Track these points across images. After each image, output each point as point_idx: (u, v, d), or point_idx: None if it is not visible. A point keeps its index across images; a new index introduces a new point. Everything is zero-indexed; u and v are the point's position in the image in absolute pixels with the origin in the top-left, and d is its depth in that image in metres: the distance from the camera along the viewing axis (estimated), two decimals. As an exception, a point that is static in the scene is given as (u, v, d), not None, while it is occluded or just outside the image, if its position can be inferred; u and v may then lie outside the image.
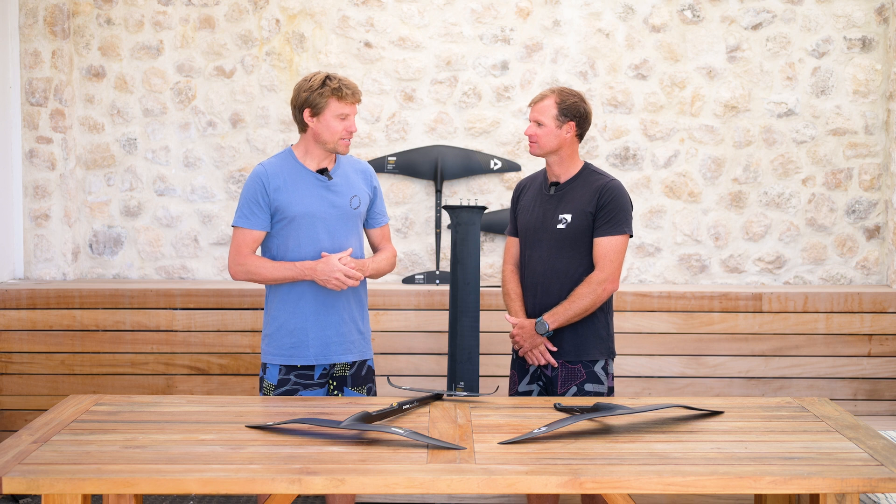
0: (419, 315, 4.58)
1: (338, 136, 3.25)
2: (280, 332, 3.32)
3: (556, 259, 3.38)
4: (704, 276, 4.93)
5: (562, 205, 3.39)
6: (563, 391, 3.37)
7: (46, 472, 2.40)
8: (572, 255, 3.37)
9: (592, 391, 3.38)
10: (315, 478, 2.39)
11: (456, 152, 4.86)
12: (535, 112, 3.38)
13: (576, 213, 3.36)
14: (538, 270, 3.41)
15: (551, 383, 3.40)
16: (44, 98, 4.83)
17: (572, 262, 3.37)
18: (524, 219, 3.48)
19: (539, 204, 3.44)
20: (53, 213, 4.87)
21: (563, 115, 3.35)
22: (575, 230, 3.35)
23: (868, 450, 2.60)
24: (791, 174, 4.87)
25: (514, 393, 3.50)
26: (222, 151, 4.93)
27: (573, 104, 3.37)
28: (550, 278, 3.39)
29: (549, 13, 4.86)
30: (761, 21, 4.83)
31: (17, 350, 4.59)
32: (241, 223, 3.29)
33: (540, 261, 3.41)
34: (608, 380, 3.42)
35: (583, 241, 3.37)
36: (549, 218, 3.39)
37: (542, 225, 3.40)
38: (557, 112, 3.35)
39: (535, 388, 3.45)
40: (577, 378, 3.37)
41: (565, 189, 3.41)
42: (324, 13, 4.88)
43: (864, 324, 4.56)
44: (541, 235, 3.41)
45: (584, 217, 3.35)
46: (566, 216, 3.36)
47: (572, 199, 3.38)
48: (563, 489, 2.39)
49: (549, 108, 3.36)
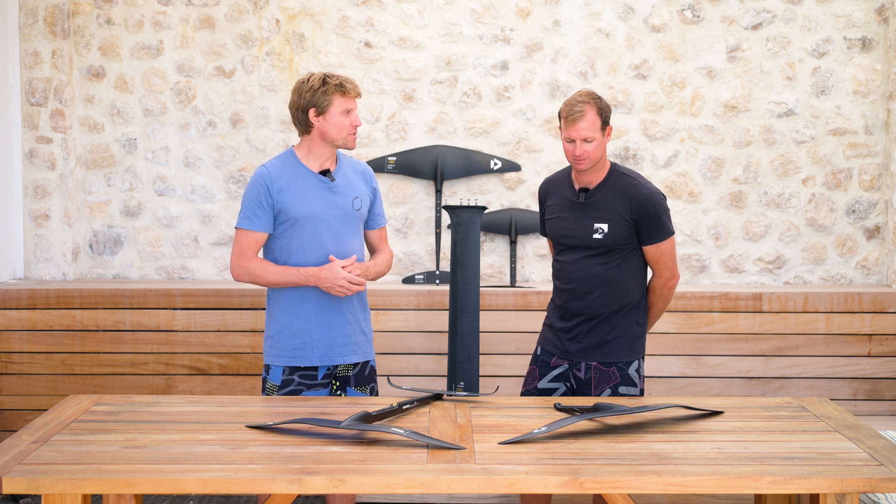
0: (419, 315, 4.58)
1: (346, 132, 3.26)
2: (283, 333, 3.31)
3: (593, 265, 3.32)
4: (704, 276, 4.93)
5: (595, 212, 3.30)
6: (597, 393, 3.32)
7: (46, 472, 2.40)
8: (610, 260, 3.31)
9: (625, 394, 3.32)
10: (315, 478, 2.39)
11: (456, 152, 4.86)
12: (580, 130, 3.20)
13: (612, 221, 3.28)
14: (574, 276, 3.35)
15: (583, 385, 3.34)
16: (44, 98, 4.83)
17: (611, 267, 3.31)
18: (555, 225, 3.40)
19: (569, 210, 3.36)
20: (53, 213, 4.87)
21: (604, 123, 3.25)
22: (613, 238, 3.29)
23: (868, 450, 2.60)
24: (791, 174, 4.87)
25: (531, 390, 3.42)
26: (222, 151, 4.93)
27: (606, 106, 3.27)
28: (588, 283, 3.32)
29: (549, 13, 4.86)
30: (761, 21, 4.83)
31: (17, 350, 4.59)
32: (244, 225, 3.29)
33: (576, 266, 3.35)
34: (640, 381, 3.38)
35: (621, 247, 3.31)
36: (584, 226, 3.31)
37: (576, 233, 3.33)
38: (601, 122, 3.24)
39: (561, 388, 3.38)
40: (611, 381, 3.32)
41: (596, 196, 3.31)
42: (324, 13, 4.88)
43: (864, 324, 4.56)
44: (575, 243, 3.34)
45: (623, 226, 3.28)
46: (602, 226, 3.28)
47: (605, 207, 3.29)
48: (563, 489, 2.39)
49: (594, 120, 3.21)
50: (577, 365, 3.35)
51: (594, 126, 3.21)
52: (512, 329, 4.53)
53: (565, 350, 3.37)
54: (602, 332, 3.33)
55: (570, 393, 3.38)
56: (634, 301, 3.36)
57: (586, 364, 3.34)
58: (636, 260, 3.35)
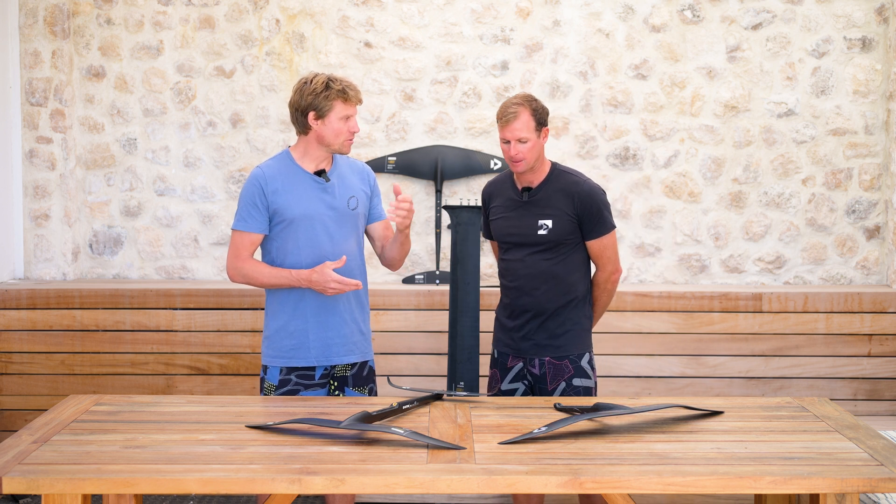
0: (419, 315, 4.58)
1: (343, 138, 3.26)
2: (280, 333, 3.32)
3: (539, 261, 3.40)
4: (704, 276, 4.93)
5: (539, 210, 3.39)
6: (552, 388, 3.39)
7: (46, 472, 2.40)
8: (555, 256, 3.40)
9: (581, 385, 3.41)
10: (315, 478, 2.39)
11: (456, 152, 4.86)
12: (514, 131, 3.31)
13: (556, 217, 3.37)
14: (521, 273, 3.43)
15: (538, 381, 3.42)
16: (44, 98, 4.83)
17: (556, 262, 3.40)
18: (500, 225, 3.48)
19: (513, 209, 3.44)
20: (53, 213, 4.87)
21: (539, 125, 3.34)
22: (558, 234, 3.38)
23: (868, 450, 2.60)
24: (791, 174, 4.87)
25: (496, 392, 3.51)
26: (222, 151, 4.93)
27: (542, 108, 3.36)
28: (534, 280, 3.41)
29: (549, 13, 4.86)
30: (761, 21, 4.83)
31: (17, 350, 4.59)
32: (238, 226, 3.30)
33: (522, 264, 3.43)
34: (593, 373, 3.46)
35: (565, 242, 3.40)
36: (529, 224, 3.40)
37: (521, 231, 3.41)
38: (535, 123, 3.33)
39: (520, 387, 3.47)
40: (564, 374, 3.40)
41: (539, 194, 3.41)
42: (324, 13, 4.88)
43: (864, 324, 4.56)
44: (520, 241, 3.42)
45: (566, 221, 3.38)
46: (546, 222, 3.38)
47: (548, 204, 3.39)
48: (563, 489, 2.39)
49: (527, 122, 3.31)
50: (531, 362, 3.43)
51: (528, 127, 3.31)
52: (512, 329, 4.53)
53: (518, 348, 3.46)
54: (551, 328, 3.41)
55: (528, 390, 3.46)
56: (580, 295, 3.45)
57: (539, 360, 3.42)
58: (580, 255, 3.44)
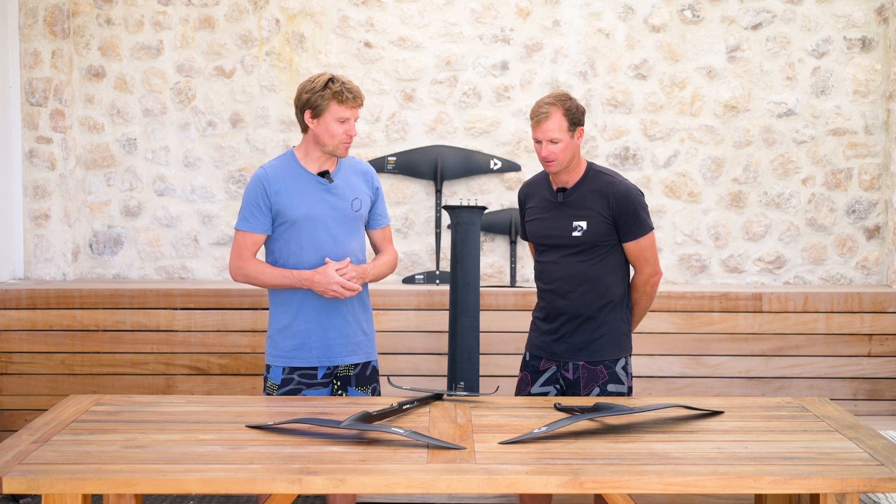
0: (419, 315, 4.58)
1: (337, 140, 3.23)
2: (282, 334, 3.31)
3: (574, 263, 3.34)
4: (704, 276, 4.93)
5: (574, 211, 3.33)
6: (585, 393, 3.33)
7: (46, 472, 2.40)
8: (590, 258, 3.34)
9: (614, 392, 3.34)
10: (315, 478, 2.39)
11: (456, 152, 4.86)
12: (545, 131, 3.25)
13: (591, 219, 3.31)
14: (556, 275, 3.37)
15: (571, 386, 3.35)
16: (44, 98, 4.83)
17: (591, 265, 3.34)
18: (535, 226, 3.42)
19: (548, 210, 3.38)
20: (53, 213, 4.87)
21: (572, 125, 3.27)
22: (593, 235, 3.31)
23: (868, 450, 2.60)
24: (791, 174, 4.87)
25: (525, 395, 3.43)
26: (222, 151, 4.93)
27: (576, 108, 3.29)
28: (570, 282, 3.34)
29: (549, 13, 4.86)
30: (761, 21, 4.83)
31: (17, 350, 4.59)
32: (241, 226, 3.30)
33: (557, 266, 3.37)
34: (628, 379, 3.39)
35: (601, 244, 3.33)
36: (563, 225, 3.33)
37: (556, 232, 3.35)
38: (568, 123, 3.26)
39: (552, 391, 3.39)
40: (599, 379, 3.33)
41: (573, 194, 3.34)
42: (324, 13, 4.88)
43: (864, 324, 4.56)
44: (555, 242, 3.36)
45: (601, 222, 3.31)
46: (581, 223, 3.31)
47: (583, 205, 3.32)
48: (563, 489, 2.39)
49: (559, 122, 3.24)
50: (564, 366, 3.37)
51: (560, 127, 3.25)
52: (512, 329, 4.53)
53: (552, 352, 3.39)
54: (587, 332, 3.35)
55: (560, 394, 3.38)
56: (617, 298, 3.38)
57: (574, 364, 3.35)
58: (617, 257, 3.37)
